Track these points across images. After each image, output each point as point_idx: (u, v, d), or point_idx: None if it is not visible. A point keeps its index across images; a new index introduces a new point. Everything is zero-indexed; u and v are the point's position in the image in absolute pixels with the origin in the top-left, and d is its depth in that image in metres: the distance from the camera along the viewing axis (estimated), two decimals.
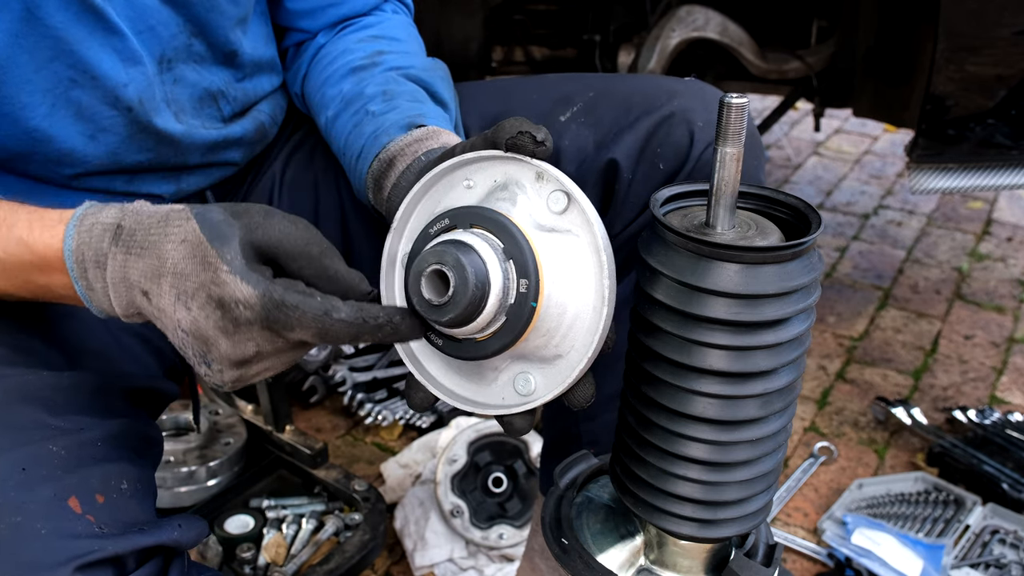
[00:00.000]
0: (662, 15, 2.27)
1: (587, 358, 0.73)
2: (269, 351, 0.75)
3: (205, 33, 1.06)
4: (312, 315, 0.72)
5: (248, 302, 0.72)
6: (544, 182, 0.75)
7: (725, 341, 0.71)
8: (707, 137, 1.09)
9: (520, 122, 0.74)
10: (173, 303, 0.74)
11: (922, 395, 2.39)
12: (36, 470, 0.74)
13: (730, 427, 0.75)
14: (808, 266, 0.72)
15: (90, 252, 0.78)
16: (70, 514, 0.73)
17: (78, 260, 0.78)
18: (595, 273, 0.73)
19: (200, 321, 0.73)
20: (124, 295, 0.77)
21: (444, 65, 1.19)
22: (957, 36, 1.82)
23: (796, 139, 4.05)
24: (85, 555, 0.71)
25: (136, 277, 0.76)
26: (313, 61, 1.19)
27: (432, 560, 1.78)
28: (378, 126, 1.01)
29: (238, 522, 1.76)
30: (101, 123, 0.99)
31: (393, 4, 1.27)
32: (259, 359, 0.76)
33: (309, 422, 2.26)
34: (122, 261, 0.77)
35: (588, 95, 1.15)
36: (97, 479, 0.78)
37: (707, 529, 0.80)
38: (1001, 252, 3.19)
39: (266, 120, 1.19)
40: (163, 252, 0.75)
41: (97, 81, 0.97)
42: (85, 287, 0.79)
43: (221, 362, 0.75)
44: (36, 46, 0.91)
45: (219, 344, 0.74)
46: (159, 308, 0.76)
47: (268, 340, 0.74)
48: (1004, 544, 1.88)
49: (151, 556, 0.77)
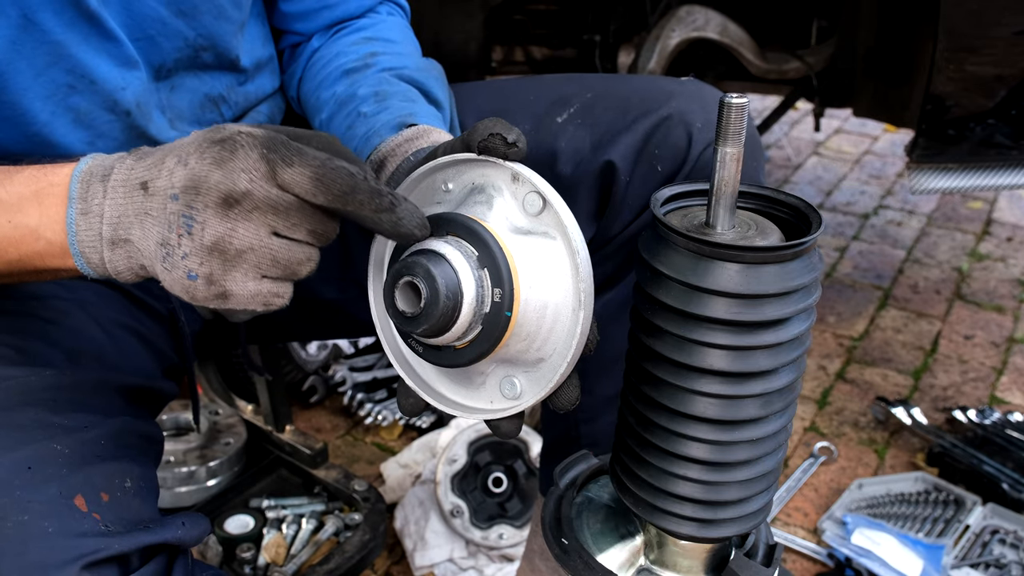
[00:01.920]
0: (662, 15, 2.27)
1: (567, 361, 0.73)
2: (260, 197, 0.69)
3: (214, 42, 1.06)
4: (313, 154, 0.69)
5: (251, 131, 0.70)
6: (520, 184, 0.74)
7: (726, 341, 0.71)
8: (705, 138, 1.09)
9: (493, 123, 0.73)
10: (171, 169, 0.71)
11: (922, 395, 2.39)
12: (41, 469, 0.74)
13: (730, 427, 0.75)
14: (809, 266, 0.72)
15: (100, 169, 0.76)
16: (76, 513, 0.73)
17: (83, 180, 0.75)
18: (571, 276, 0.73)
19: (194, 165, 0.70)
20: (122, 200, 0.73)
21: (439, 66, 1.19)
22: (957, 36, 1.82)
23: (796, 139, 4.05)
24: (91, 553, 0.71)
25: (140, 172, 0.74)
26: (308, 64, 1.19)
27: (432, 560, 1.78)
28: (369, 127, 1.01)
29: (238, 522, 1.76)
30: (99, 129, 0.99)
31: (388, 6, 1.27)
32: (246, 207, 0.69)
33: (309, 422, 2.26)
34: (131, 164, 0.75)
35: (586, 96, 1.15)
36: (101, 477, 0.78)
37: (707, 529, 0.80)
38: (1001, 252, 3.19)
39: (264, 121, 1.20)
40: (175, 145, 0.74)
41: (95, 86, 0.97)
42: (80, 210, 0.75)
43: (206, 206, 0.69)
44: (34, 52, 0.92)
45: (210, 176, 0.69)
46: (155, 191, 0.72)
47: (262, 177, 0.69)
48: (1004, 544, 1.88)
49: (155, 554, 0.78)
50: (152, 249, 0.72)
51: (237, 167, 0.69)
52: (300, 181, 0.69)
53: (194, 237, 0.70)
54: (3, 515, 0.70)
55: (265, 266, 0.71)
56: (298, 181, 0.69)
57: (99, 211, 0.74)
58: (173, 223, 0.70)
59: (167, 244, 0.71)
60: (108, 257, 0.75)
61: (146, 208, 0.72)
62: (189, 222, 0.70)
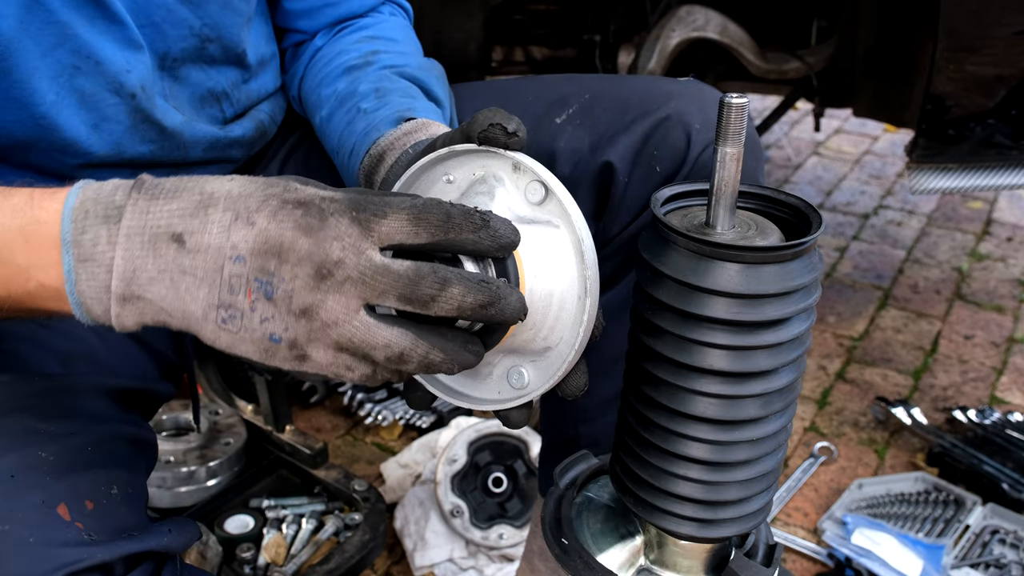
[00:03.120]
0: (662, 15, 2.28)
1: (575, 349, 0.73)
2: (353, 265, 0.65)
3: (220, 33, 1.07)
4: (398, 199, 0.66)
5: (334, 196, 0.66)
6: (521, 173, 0.74)
7: (726, 341, 0.71)
8: (704, 139, 1.09)
9: (493, 113, 0.73)
10: (228, 227, 0.65)
11: (922, 395, 2.39)
12: (25, 477, 0.73)
13: (730, 427, 0.75)
14: (809, 266, 0.72)
15: (99, 207, 0.67)
16: (59, 522, 0.72)
17: (77, 218, 0.67)
18: (576, 263, 0.73)
19: (271, 228, 0.65)
20: (139, 252, 0.66)
21: (440, 66, 1.19)
22: (957, 36, 1.82)
23: (796, 139, 4.05)
24: (73, 563, 0.70)
25: (167, 220, 0.66)
26: (310, 63, 1.20)
27: (432, 560, 1.78)
28: (369, 122, 1.01)
29: (238, 522, 1.76)
30: (104, 111, 0.99)
31: (391, 7, 1.27)
32: (338, 278, 0.65)
33: (309, 422, 2.26)
34: (144, 207, 0.66)
35: (584, 97, 1.15)
36: (87, 485, 0.76)
37: (707, 529, 0.79)
38: (1001, 252, 3.19)
39: (266, 119, 1.20)
40: (205, 188, 0.67)
41: (100, 67, 0.97)
42: (78, 256, 0.66)
43: (295, 276, 0.65)
44: (41, 32, 0.92)
45: (297, 245, 0.64)
46: (200, 247, 0.65)
47: (356, 240, 0.65)
48: (1004, 544, 1.88)
49: (140, 562, 0.77)
50: (198, 312, 0.66)
51: (329, 235, 0.65)
52: (399, 227, 0.66)
53: (277, 304, 0.65)
54: None
55: (345, 341, 0.67)
56: (397, 228, 0.66)
57: (105, 261, 0.66)
58: (238, 286, 0.65)
59: (231, 307, 0.66)
60: (116, 312, 0.68)
61: (183, 266, 0.66)
62: (268, 288, 0.65)
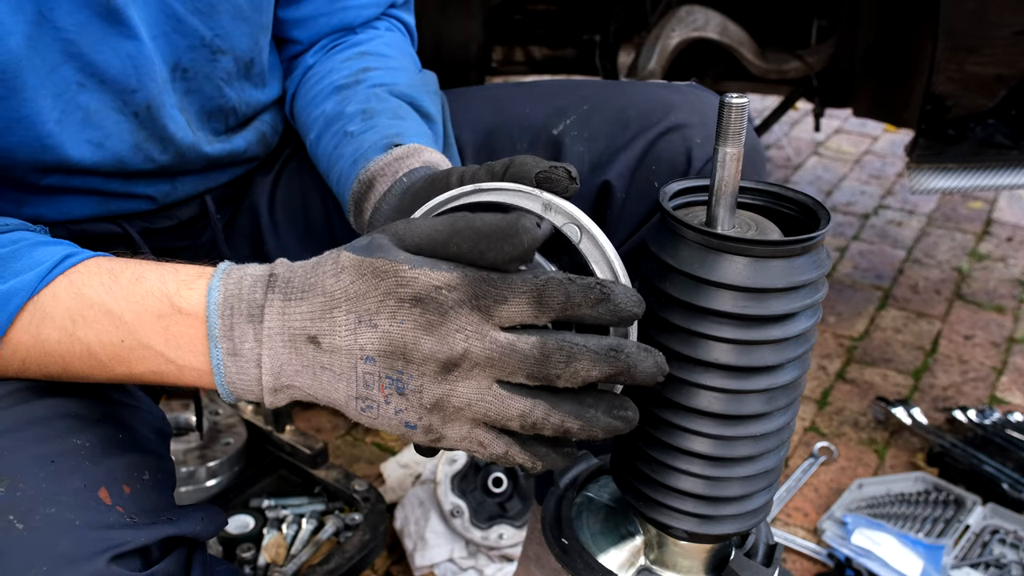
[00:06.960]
0: (662, 15, 2.28)
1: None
2: (478, 353, 0.66)
3: (232, 44, 1.06)
4: (519, 279, 0.65)
5: (450, 284, 0.65)
6: (553, 213, 0.73)
7: (731, 335, 0.71)
8: (704, 155, 1.07)
9: (534, 160, 0.74)
10: (353, 330, 0.67)
11: (922, 395, 2.39)
12: (64, 462, 0.74)
13: (734, 422, 0.75)
14: (815, 262, 0.72)
15: (242, 304, 0.70)
16: (101, 505, 0.73)
17: (224, 314, 0.70)
18: None
19: (393, 331, 0.66)
20: (282, 351, 0.69)
21: (433, 77, 1.18)
22: (957, 36, 1.82)
23: (796, 139, 4.06)
24: (119, 545, 0.70)
25: (301, 323, 0.69)
26: (302, 81, 1.19)
27: (432, 560, 1.78)
28: (356, 148, 1.01)
29: (238, 522, 1.76)
30: (107, 129, 0.99)
31: (388, 22, 1.26)
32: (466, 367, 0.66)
33: (309, 422, 2.26)
34: (280, 308, 0.69)
35: (582, 108, 1.13)
36: (122, 469, 0.77)
37: (708, 525, 0.79)
38: (1001, 252, 3.19)
39: (267, 130, 1.20)
40: (327, 287, 0.69)
41: (105, 85, 0.96)
42: (227, 351, 0.70)
43: (423, 374, 0.66)
44: (47, 49, 0.91)
45: (421, 345, 0.66)
46: (334, 348, 0.68)
47: (477, 326, 0.65)
48: (1004, 544, 1.88)
49: (174, 547, 0.77)
50: (341, 399, 0.70)
51: (451, 329, 0.66)
52: (520, 311, 0.66)
53: (409, 398, 0.68)
54: (30, 507, 0.69)
55: (480, 416, 0.69)
56: (518, 311, 0.66)
57: (254, 357, 0.70)
58: (373, 383, 0.68)
59: (367, 399, 0.69)
60: (270, 400, 0.72)
61: (321, 363, 0.69)
62: (399, 385, 0.67)
